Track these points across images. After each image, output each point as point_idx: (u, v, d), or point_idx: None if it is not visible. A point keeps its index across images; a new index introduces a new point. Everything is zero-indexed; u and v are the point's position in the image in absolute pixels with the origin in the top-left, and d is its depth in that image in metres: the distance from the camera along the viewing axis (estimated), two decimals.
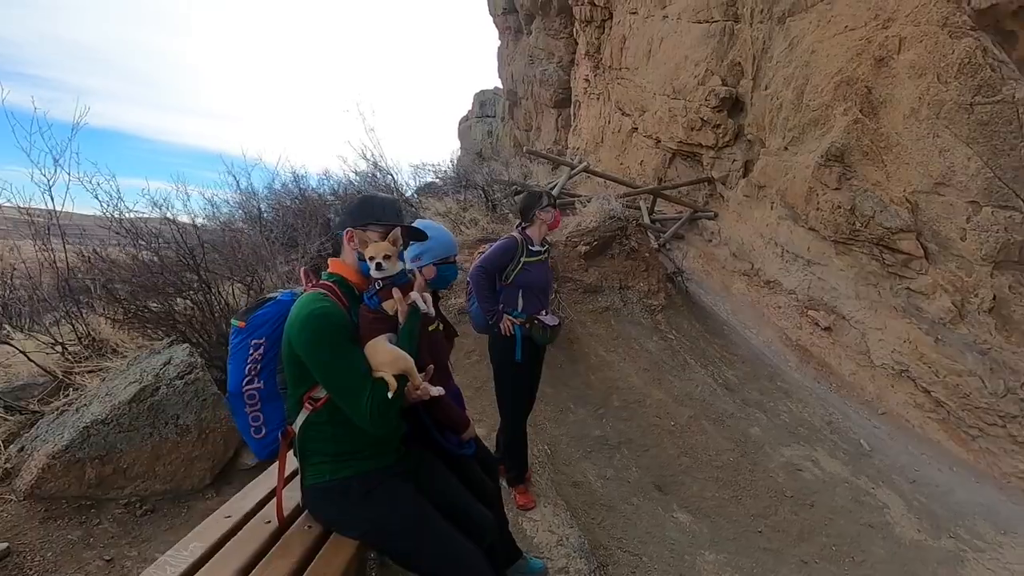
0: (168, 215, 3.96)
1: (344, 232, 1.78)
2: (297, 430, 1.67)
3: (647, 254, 7.08)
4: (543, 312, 3.25)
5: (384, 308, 1.66)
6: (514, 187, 8.66)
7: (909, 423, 6.20)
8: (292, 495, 1.94)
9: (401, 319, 1.70)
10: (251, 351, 1.68)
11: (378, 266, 1.67)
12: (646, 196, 10.04)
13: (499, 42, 22.69)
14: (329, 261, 1.84)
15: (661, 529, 3.56)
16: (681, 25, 10.27)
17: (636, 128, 11.96)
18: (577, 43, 16.22)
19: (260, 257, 4.31)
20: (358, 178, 8.21)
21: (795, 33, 7.91)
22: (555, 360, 5.11)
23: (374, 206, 1.80)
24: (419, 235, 1.90)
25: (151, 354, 2.92)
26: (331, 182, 7.87)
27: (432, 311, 1.86)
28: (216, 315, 3.25)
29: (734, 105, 9.21)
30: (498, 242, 3.34)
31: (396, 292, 1.68)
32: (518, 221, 3.41)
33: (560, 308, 5.92)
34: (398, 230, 1.71)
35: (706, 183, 9.98)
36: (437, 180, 11.97)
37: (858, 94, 6.74)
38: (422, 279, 1.88)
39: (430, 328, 2.02)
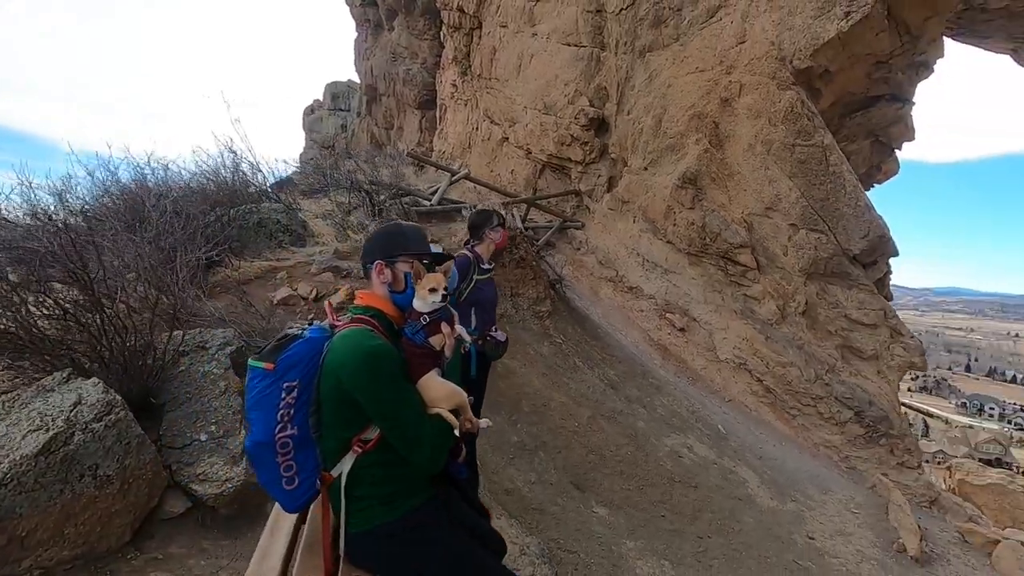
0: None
1: (374, 265, 1.73)
2: (342, 475, 1.57)
3: (534, 262, 7.44)
4: (494, 328, 3.33)
5: (432, 343, 1.63)
6: (397, 190, 8.47)
7: (748, 407, 7.40)
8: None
9: (448, 353, 1.68)
10: (283, 395, 1.53)
11: (443, 297, 1.64)
12: (520, 205, 10.47)
13: (356, 34, 21.76)
14: (358, 293, 1.75)
15: (587, 525, 3.85)
16: (551, 45, 10.91)
17: (507, 138, 12.40)
18: (444, 46, 16.26)
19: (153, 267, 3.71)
20: (223, 170, 7.36)
21: (654, 67, 8.91)
22: None
23: (403, 236, 1.76)
24: (444, 259, 1.89)
25: (40, 392, 2.40)
26: (190, 175, 6.92)
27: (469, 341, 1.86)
28: (111, 336, 2.75)
29: (600, 125, 10.06)
30: (453, 262, 3.34)
31: (445, 327, 1.66)
32: (466, 239, 3.44)
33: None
34: (451, 263, 1.70)
35: (574, 195, 10.75)
36: (293, 176, 11.17)
37: (708, 127, 7.83)
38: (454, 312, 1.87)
39: None
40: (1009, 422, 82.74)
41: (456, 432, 1.57)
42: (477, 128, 14.27)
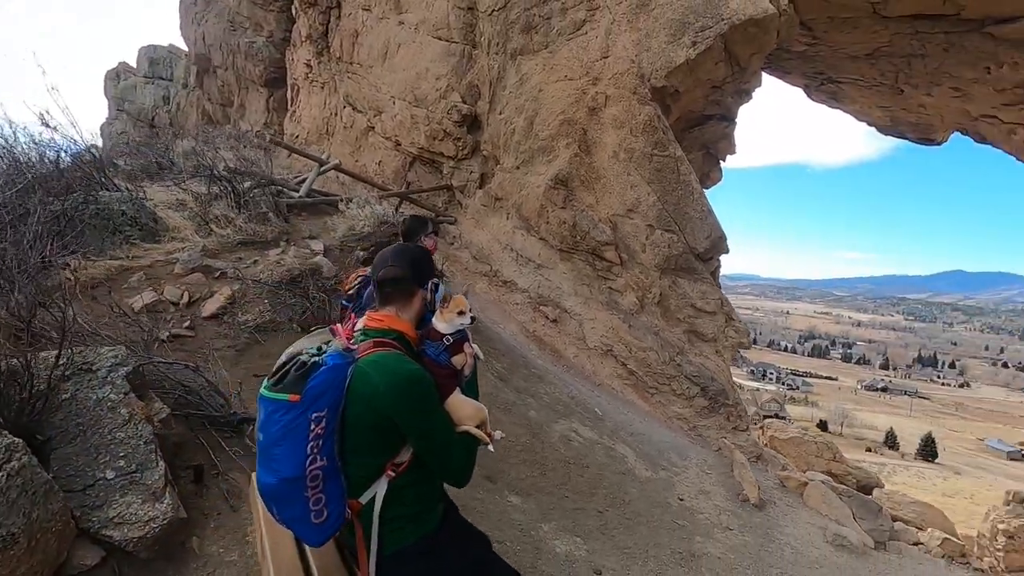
0: None
1: (428, 286, 1.76)
2: (375, 500, 1.55)
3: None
4: None
5: (455, 363, 1.67)
6: (262, 180, 7.76)
7: (615, 389, 8.21)
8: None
9: (467, 372, 1.73)
10: (312, 426, 1.46)
11: (472, 319, 1.67)
12: (391, 198, 10.25)
13: None
14: (378, 316, 1.70)
15: (506, 515, 4.05)
16: (421, 36, 10.78)
17: (373, 127, 11.99)
18: (295, 21, 15.07)
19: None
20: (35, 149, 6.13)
21: (525, 71, 9.32)
22: None
23: (431, 259, 1.80)
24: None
25: None
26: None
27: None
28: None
29: (473, 122, 10.23)
30: None
31: (467, 347, 1.71)
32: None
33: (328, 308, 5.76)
34: (470, 284, 1.73)
35: (446, 190, 10.81)
36: (114, 156, 9.63)
37: (577, 133, 8.45)
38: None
39: None
40: (783, 383, 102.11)
41: (490, 447, 1.65)
42: (337, 114, 13.55)
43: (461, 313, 1.72)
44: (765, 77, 10.09)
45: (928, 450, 65.18)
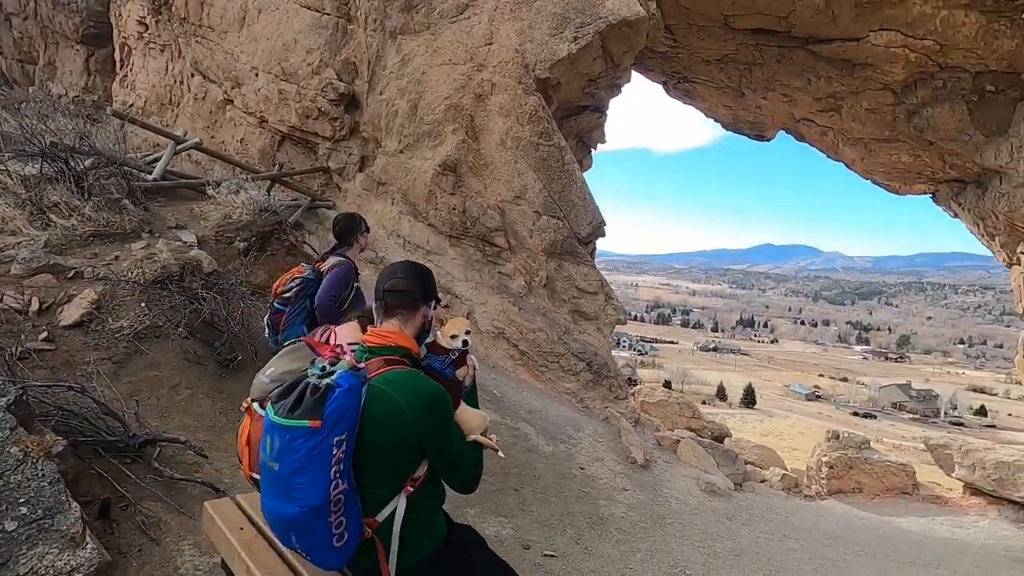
0: None
1: (431, 304, 1.79)
2: (395, 517, 1.54)
3: (308, 250, 6.98)
4: None
5: (459, 375, 1.71)
6: (105, 159, 6.67)
7: (508, 370, 8.54)
8: None
9: (467, 383, 1.78)
10: (334, 451, 1.42)
11: (465, 343, 1.73)
12: (262, 181, 9.43)
13: None
14: (383, 332, 1.66)
15: None
16: (286, 3, 9.92)
17: (231, 101, 10.85)
18: None
19: None
20: None
21: (407, 51, 9.06)
22: None
23: (433, 277, 1.79)
24: None
25: None
26: None
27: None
28: None
29: (351, 102, 9.73)
30: (337, 270, 3.10)
31: (470, 358, 1.76)
32: (334, 245, 3.24)
33: (242, 312, 5.33)
34: (468, 309, 1.75)
35: (322, 172, 10.20)
36: None
37: (464, 119, 8.47)
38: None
39: None
40: (635, 349, 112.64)
41: (501, 454, 1.73)
42: (183, 82, 12.01)
43: (455, 337, 1.79)
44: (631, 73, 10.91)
45: (748, 398, 76.53)
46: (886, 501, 6.59)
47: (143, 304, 4.28)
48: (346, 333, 2.09)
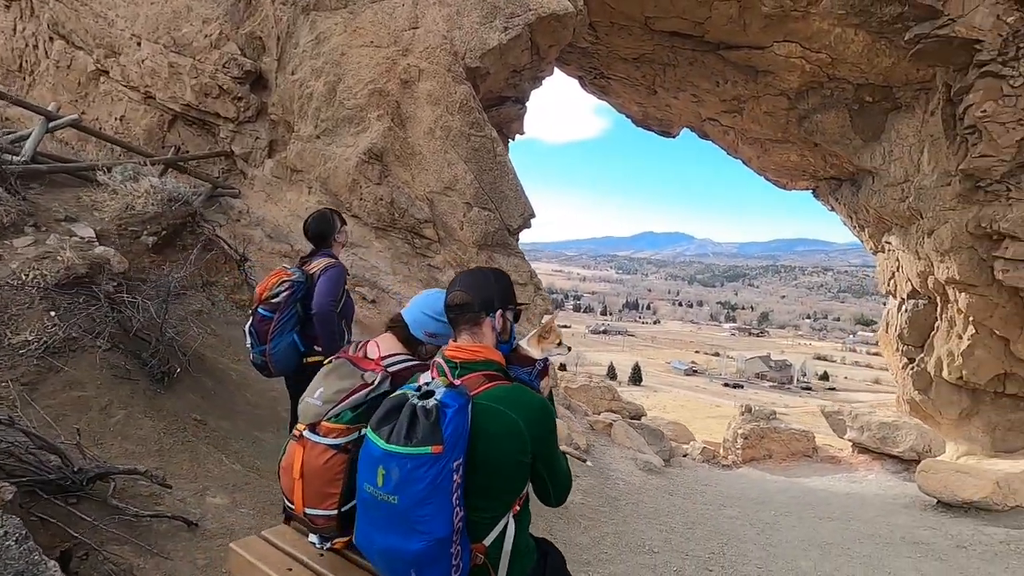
0: None
1: (496, 313, 1.62)
2: (505, 538, 1.48)
3: (224, 243, 6.34)
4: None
5: (543, 387, 1.64)
6: None
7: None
8: None
9: (546, 393, 1.72)
10: (454, 477, 1.32)
11: (569, 348, 1.64)
12: (155, 167, 8.37)
13: None
14: (472, 348, 1.54)
15: None
16: None
17: (106, 72, 9.47)
18: None
19: None
20: None
21: (322, 29, 8.46)
22: (204, 385, 4.26)
23: (511, 283, 1.68)
24: None
25: None
26: None
27: None
28: None
29: (257, 80, 8.90)
30: (331, 272, 2.81)
31: (551, 370, 1.68)
32: (314, 249, 2.95)
33: (167, 318, 4.74)
34: (553, 315, 1.67)
35: (224, 157, 9.27)
36: None
37: (390, 106, 8.10)
38: None
39: None
40: None
41: (588, 462, 1.70)
42: (38, 46, 10.28)
43: (559, 344, 1.73)
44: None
45: (636, 376, 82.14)
46: (792, 464, 7.44)
47: (53, 313, 3.63)
48: (387, 345, 1.95)
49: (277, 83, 8.83)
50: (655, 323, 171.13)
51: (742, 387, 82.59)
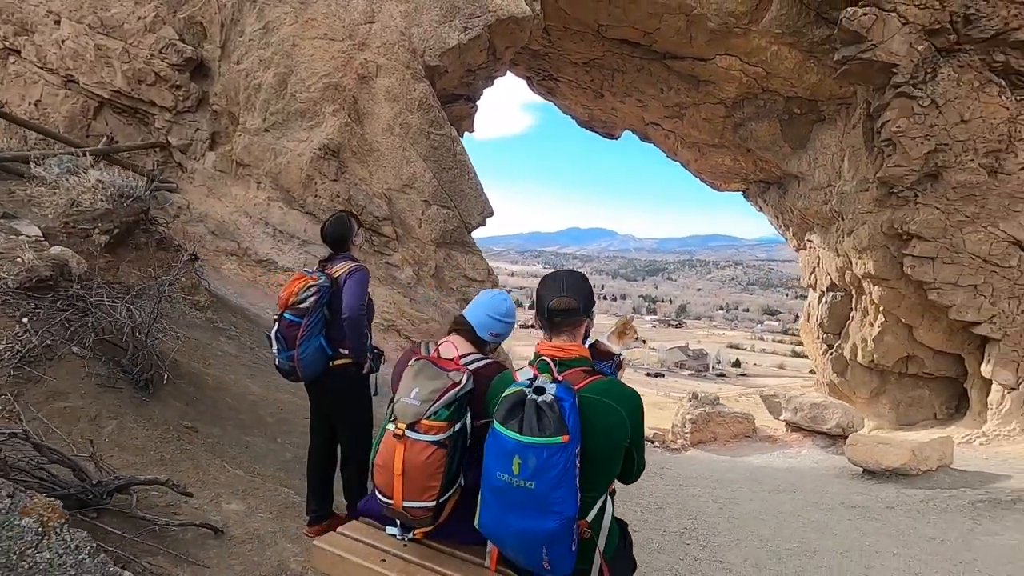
0: None
1: (587, 320, 1.77)
2: (604, 515, 1.65)
3: (177, 243, 6.01)
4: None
5: (619, 378, 1.81)
6: None
7: None
8: None
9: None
10: (576, 462, 1.47)
11: (644, 341, 1.80)
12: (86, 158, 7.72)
13: None
14: (568, 347, 1.68)
15: None
16: None
17: (17, 51, 8.59)
18: None
19: None
20: None
21: (271, 18, 8.14)
22: (186, 391, 4.10)
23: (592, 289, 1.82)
24: None
25: None
26: None
27: None
28: None
29: (198, 68, 8.41)
30: (358, 275, 2.81)
31: (624, 364, 1.85)
32: (331, 254, 2.95)
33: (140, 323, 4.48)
34: (632, 316, 1.83)
35: (159, 148, 8.69)
36: None
37: (347, 101, 7.95)
38: None
39: None
40: None
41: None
42: None
43: (636, 338, 1.90)
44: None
45: None
46: (735, 445, 8.09)
47: (24, 320, 3.36)
48: (462, 346, 2.06)
49: (220, 72, 8.40)
50: None
51: (663, 376, 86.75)
